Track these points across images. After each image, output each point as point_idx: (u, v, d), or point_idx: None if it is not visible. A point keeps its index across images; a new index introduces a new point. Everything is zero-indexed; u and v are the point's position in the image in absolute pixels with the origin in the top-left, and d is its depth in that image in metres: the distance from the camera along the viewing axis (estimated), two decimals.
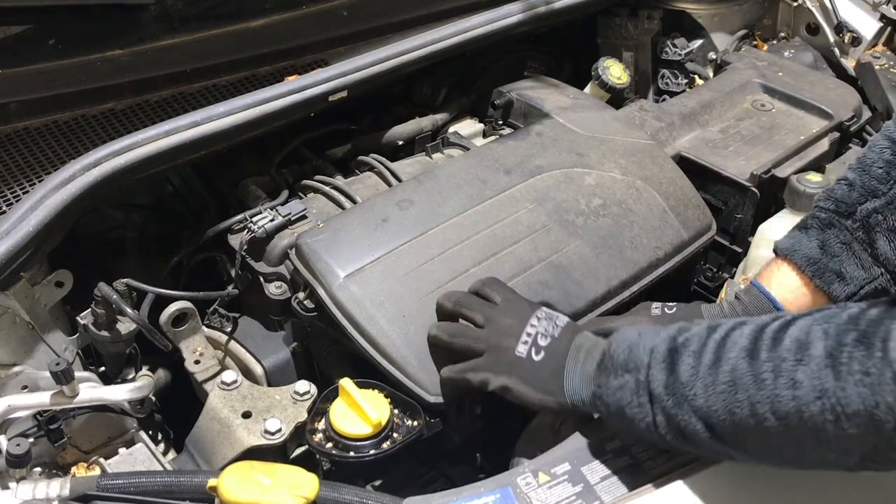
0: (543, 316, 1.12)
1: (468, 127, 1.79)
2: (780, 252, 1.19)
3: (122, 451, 1.25)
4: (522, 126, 1.66)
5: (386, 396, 1.19)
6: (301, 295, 1.32)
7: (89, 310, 1.28)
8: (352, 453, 1.15)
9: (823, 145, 1.65)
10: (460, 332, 1.15)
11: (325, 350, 1.39)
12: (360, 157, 1.62)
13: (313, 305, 1.31)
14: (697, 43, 2.05)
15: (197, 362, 1.39)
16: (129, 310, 1.24)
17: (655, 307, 1.24)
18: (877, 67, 1.87)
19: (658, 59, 2.02)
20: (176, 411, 1.42)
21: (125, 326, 1.29)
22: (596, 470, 1.01)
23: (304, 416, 1.23)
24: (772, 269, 1.19)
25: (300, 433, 1.22)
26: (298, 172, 1.64)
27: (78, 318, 1.30)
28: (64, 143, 1.42)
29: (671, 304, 1.24)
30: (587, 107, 1.67)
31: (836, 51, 2.00)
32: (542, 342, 1.09)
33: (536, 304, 1.16)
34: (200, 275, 1.55)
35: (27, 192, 1.31)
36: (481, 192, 1.42)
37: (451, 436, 1.24)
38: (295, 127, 1.58)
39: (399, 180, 1.53)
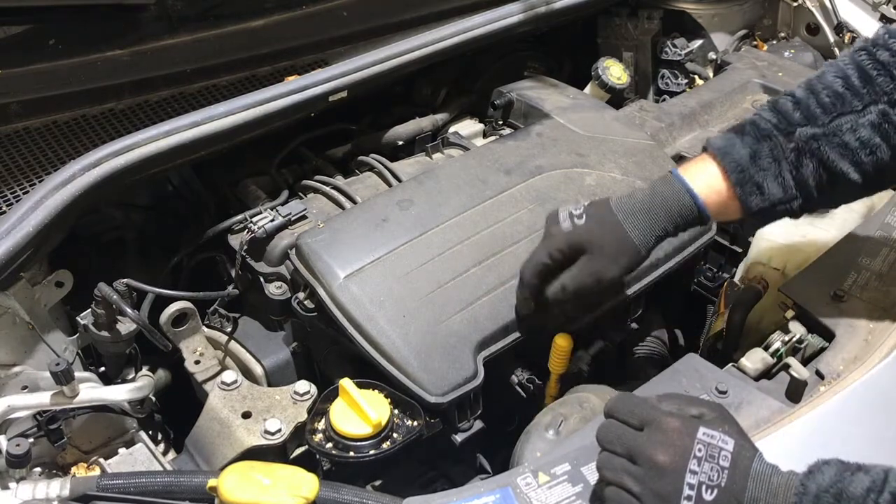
0: (704, 451, 0.90)
1: (468, 127, 1.79)
2: (712, 150, 1.17)
3: (122, 451, 1.25)
4: (522, 126, 1.66)
5: (386, 396, 1.19)
6: (301, 295, 1.32)
7: (89, 310, 1.28)
8: (352, 453, 1.15)
9: None
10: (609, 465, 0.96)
11: (325, 350, 1.39)
12: (360, 157, 1.63)
13: (313, 305, 1.31)
14: (697, 43, 2.05)
15: (197, 362, 1.39)
16: (129, 310, 1.24)
17: (563, 217, 1.18)
18: None
19: (658, 59, 2.02)
20: (176, 411, 1.42)
21: (125, 326, 1.29)
22: (596, 470, 1.01)
23: (304, 416, 1.23)
24: (698, 165, 1.18)
25: (300, 433, 1.22)
26: (298, 172, 1.64)
27: (78, 319, 1.30)
28: (64, 143, 1.43)
29: (576, 208, 1.18)
30: (587, 107, 1.67)
31: (836, 51, 2.00)
32: (708, 496, 0.89)
33: (693, 422, 0.93)
34: (200, 275, 1.55)
35: (27, 192, 1.31)
36: (481, 192, 1.42)
37: (450, 436, 1.24)
38: (295, 127, 1.58)
39: (399, 180, 1.53)
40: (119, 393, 1.24)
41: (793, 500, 0.86)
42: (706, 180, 1.16)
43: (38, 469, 1.18)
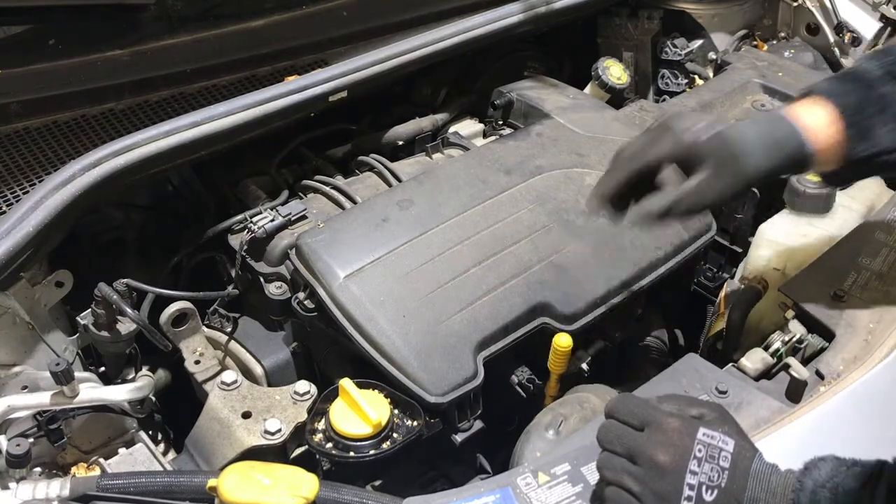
0: (704, 451, 0.90)
1: (468, 127, 1.79)
2: (821, 93, 1.12)
3: (122, 451, 1.25)
4: (522, 126, 1.66)
5: (386, 396, 1.19)
6: (301, 295, 1.32)
7: (89, 310, 1.28)
8: (352, 453, 1.15)
9: None
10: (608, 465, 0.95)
11: (325, 350, 1.39)
12: (360, 157, 1.63)
13: (313, 305, 1.31)
14: (697, 43, 2.05)
15: (197, 362, 1.39)
16: (129, 310, 1.24)
17: (693, 125, 1.10)
18: None
19: (658, 59, 2.02)
20: (176, 411, 1.42)
21: (125, 326, 1.29)
22: (596, 470, 1.01)
23: (304, 416, 1.23)
24: (807, 107, 1.13)
25: (300, 433, 1.22)
26: (298, 172, 1.64)
27: (78, 319, 1.30)
28: (64, 143, 1.43)
29: (706, 127, 1.10)
30: (587, 107, 1.67)
31: (836, 51, 2.00)
32: (708, 496, 0.89)
33: (693, 422, 0.93)
34: (200, 275, 1.55)
35: (27, 192, 1.31)
36: (481, 192, 1.42)
37: (450, 436, 1.24)
38: (295, 127, 1.58)
39: (399, 180, 1.53)
40: (119, 393, 1.24)
41: (790, 496, 0.87)
42: (815, 121, 1.11)
43: (38, 469, 1.18)
